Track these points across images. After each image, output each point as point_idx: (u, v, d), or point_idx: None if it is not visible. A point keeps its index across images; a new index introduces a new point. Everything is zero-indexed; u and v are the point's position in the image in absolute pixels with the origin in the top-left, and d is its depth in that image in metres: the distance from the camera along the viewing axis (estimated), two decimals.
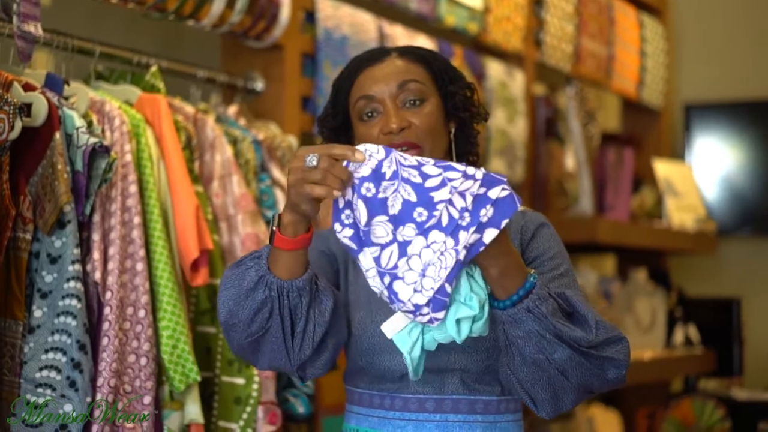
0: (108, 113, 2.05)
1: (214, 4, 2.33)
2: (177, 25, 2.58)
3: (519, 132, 3.49)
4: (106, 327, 1.94)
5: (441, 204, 1.50)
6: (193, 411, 2.08)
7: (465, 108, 1.77)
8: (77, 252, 1.90)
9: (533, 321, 1.56)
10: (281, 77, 2.61)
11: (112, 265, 1.96)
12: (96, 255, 1.95)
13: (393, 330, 1.57)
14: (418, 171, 1.52)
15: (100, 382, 1.92)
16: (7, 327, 1.88)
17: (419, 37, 3.02)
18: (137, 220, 2.01)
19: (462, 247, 1.49)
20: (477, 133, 1.81)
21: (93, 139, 1.92)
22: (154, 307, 2.03)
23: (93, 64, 2.21)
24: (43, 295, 1.89)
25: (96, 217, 1.97)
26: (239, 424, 2.17)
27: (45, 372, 1.87)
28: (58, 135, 1.90)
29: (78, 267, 1.89)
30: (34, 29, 1.94)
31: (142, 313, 1.99)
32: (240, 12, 2.39)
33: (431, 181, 1.51)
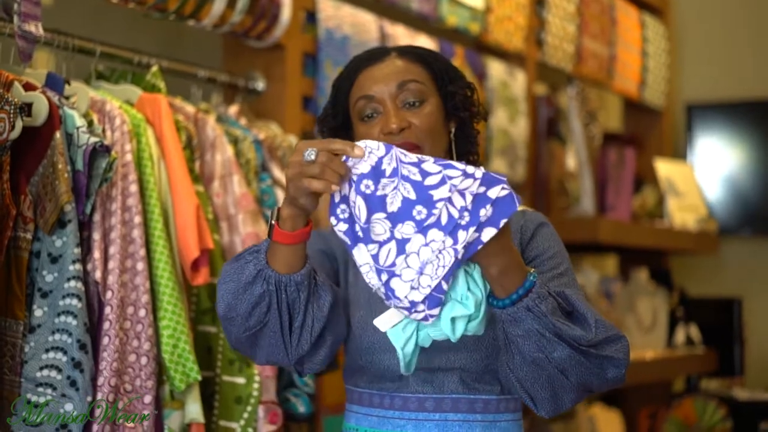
0: (109, 113, 2.05)
1: (214, 4, 2.33)
2: (178, 25, 2.58)
3: (520, 132, 3.49)
4: (106, 326, 1.95)
5: (440, 202, 1.50)
6: (194, 410, 2.08)
7: (465, 108, 1.77)
8: (78, 251, 1.90)
9: (533, 320, 1.56)
10: (282, 77, 2.61)
11: (112, 265, 1.96)
12: (96, 254, 1.95)
13: (386, 324, 1.57)
14: (418, 168, 1.52)
15: (100, 381, 1.92)
16: (8, 326, 1.88)
17: (420, 37, 3.01)
18: (138, 219, 2.01)
19: (461, 246, 1.49)
20: (477, 133, 1.82)
21: (93, 139, 1.92)
22: (154, 307, 2.03)
23: (94, 63, 2.21)
24: (44, 295, 1.89)
25: (96, 217, 1.97)
26: (240, 423, 2.17)
27: (45, 371, 1.87)
28: (58, 134, 1.90)
29: (78, 266, 1.90)
30: (34, 29, 1.94)
31: (142, 313, 1.99)
32: (241, 12, 2.39)
33: (431, 179, 1.51)
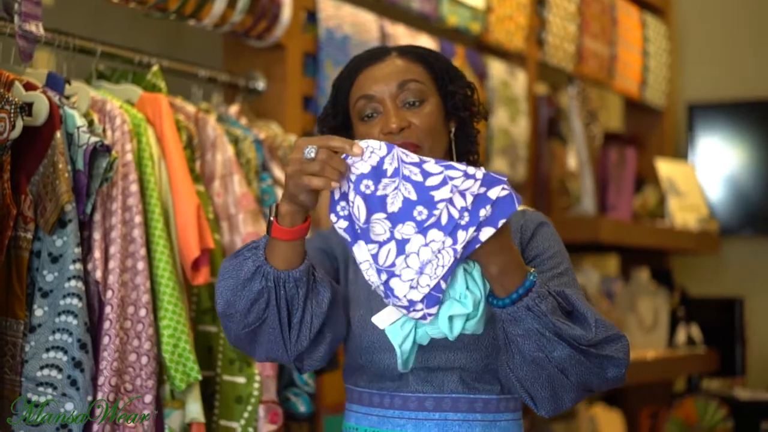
0: (109, 112, 2.05)
1: (215, 3, 2.33)
2: (178, 25, 2.58)
3: (521, 131, 3.49)
4: (107, 326, 1.95)
5: (441, 203, 1.50)
6: (194, 410, 2.08)
7: (465, 107, 1.77)
8: (78, 251, 1.90)
9: (533, 319, 1.56)
10: (283, 77, 2.61)
11: (113, 264, 1.96)
12: (97, 254, 1.95)
13: (385, 322, 1.57)
14: (419, 168, 1.52)
15: (101, 380, 1.92)
16: (8, 326, 1.89)
17: (421, 37, 3.01)
18: (138, 219, 2.01)
19: (460, 246, 1.50)
20: (477, 133, 1.82)
21: (94, 138, 1.92)
22: (155, 306, 2.03)
23: (94, 63, 2.21)
24: (44, 294, 1.89)
25: (97, 216, 1.97)
26: (240, 423, 2.17)
27: (46, 371, 1.87)
28: (59, 134, 1.90)
29: (79, 266, 1.90)
30: (35, 29, 1.94)
31: (143, 312, 1.99)
32: (241, 12, 2.39)
33: (432, 180, 1.51)
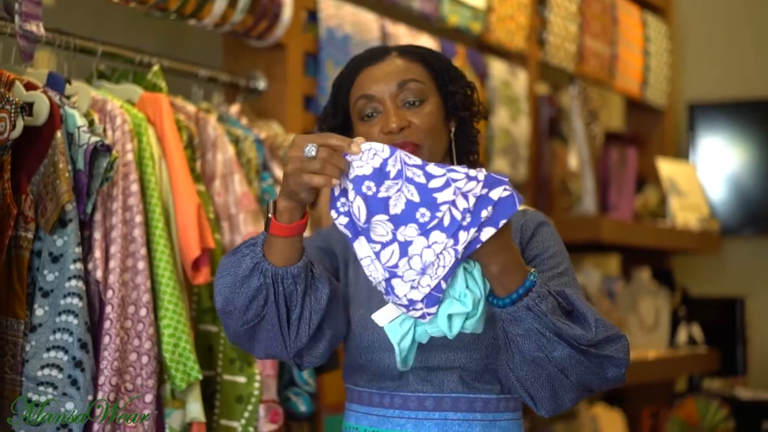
0: (110, 112, 2.05)
1: (215, 3, 2.33)
2: (179, 25, 2.58)
3: (522, 131, 3.49)
4: (107, 325, 1.95)
5: (444, 205, 1.50)
6: (195, 409, 2.08)
7: (465, 107, 1.77)
8: (79, 251, 1.90)
9: (533, 319, 1.56)
10: (283, 76, 2.61)
11: (113, 264, 1.97)
12: (97, 253, 1.95)
13: (384, 319, 1.57)
14: (422, 171, 1.52)
15: (101, 380, 1.92)
16: (9, 325, 1.89)
17: (422, 37, 3.01)
18: (139, 218, 2.02)
19: (461, 247, 1.50)
20: (477, 132, 1.82)
21: (94, 138, 1.92)
22: (155, 306, 2.03)
23: (95, 63, 2.21)
24: (45, 294, 1.90)
25: (97, 216, 1.97)
26: (241, 422, 2.18)
27: (46, 370, 1.87)
28: (59, 134, 1.90)
29: (79, 266, 1.90)
30: (36, 28, 1.94)
31: (143, 312, 2.00)
32: (242, 11, 2.39)
33: (435, 182, 1.51)
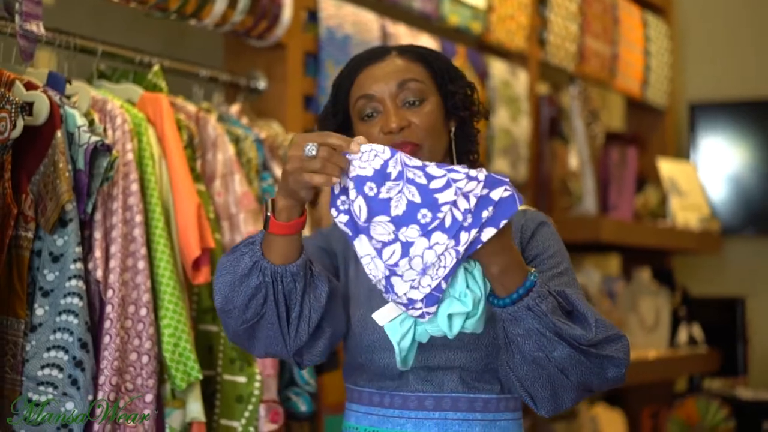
0: (110, 112, 2.05)
1: (216, 3, 2.33)
2: (179, 24, 2.58)
3: (522, 131, 3.49)
4: (107, 325, 1.95)
5: (446, 206, 1.50)
6: (195, 409, 2.08)
7: (465, 107, 1.77)
8: (79, 250, 1.90)
9: (533, 319, 1.56)
10: (284, 76, 2.61)
11: (113, 264, 1.97)
12: (98, 253, 1.95)
13: (384, 319, 1.57)
14: (422, 172, 1.52)
15: (101, 380, 1.92)
16: (9, 325, 1.89)
17: (422, 37, 3.01)
18: (139, 218, 2.02)
19: (462, 248, 1.50)
20: (477, 132, 1.82)
21: (94, 138, 1.92)
22: (155, 306, 2.04)
23: (95, 63, 2.21)
24: (45, 294, 1.90)
25: (98, 216, 1.97)
26: (241, 422, 2.18)
27: (47, 370, 1.88)
28: (59, 133, 1.90)
29: (80, 265, 1.90)
30: (36, 28, 1.94)
31: (143, 312, 2.00)
32: (242, 11, 2.39)
33: (436, 183, 1.51)
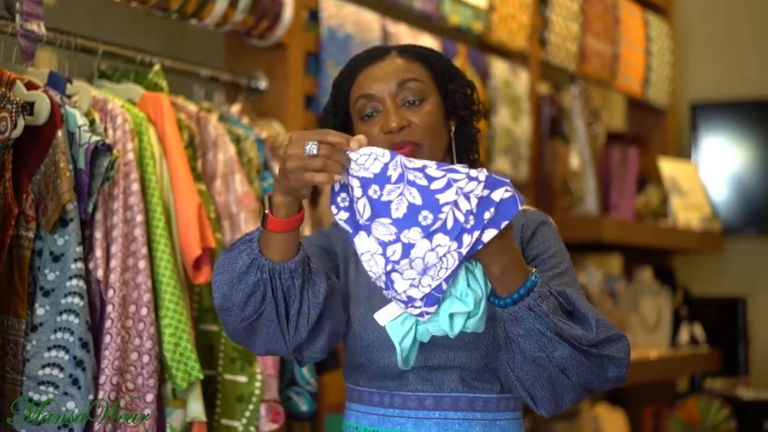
0: (110, 111, 2.06)
1: (216, 3, 2.33)
2: (180, 24, 2.58)
3: (523, 131, 3.49)
4: (108, 325, 1.95)
5: (447, 206, 1.50)
6: (196, 409, 2.08)
7: (465, 106, 1.77)
8: (80, 250, 1.90)
9: (534, 319, 1.56)
10: (284, 76, 2.61)
11: (114, 263, 1.97)
12: (98, 253, 1.96)
13: (386, 318, 1.57)
14: (422, 173, 1.52)
15: (102, 379, 1.92)
16: (10, 325, 1.89)
17: (423, 36, 3.01)
18: (139, 218, 2.02)
19: (465, 250, 1.50)
20: (477, 131, 1.82)
21: (95, 138, 1.92)
22: (156, 305, 2.04)
23: (96, 62, 2.21)
24: (46, 293, 1.90)
25: (98, 215, 1.97)
26: (242, 422, 2.18)
27: (48, 370, 1.88)
28: (60, 133, 1.90)
29: (80, 265, 1.90)
30: (37, 28, 1.94)
31: (144, 311, 2.00)
32: (243, 11, 2.39)
33: (436, 183, 1.51)
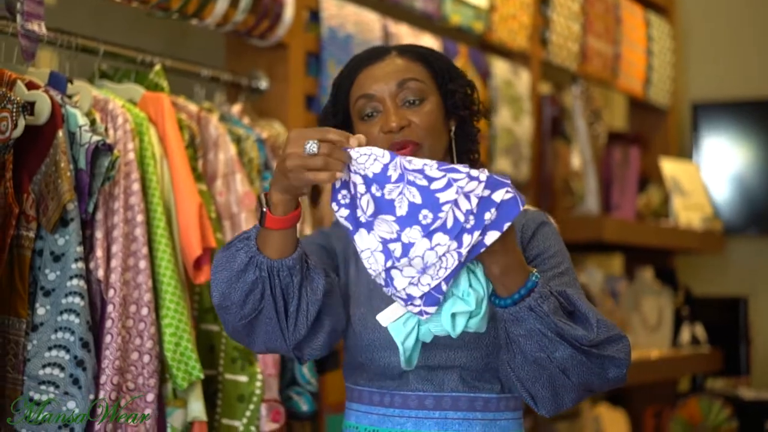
0: (111, 111, 2.06)
1: (217, 3, 2.33)
2: (181, 24, 2.58)
3: (525, 131, 3.48)
4: (109, 325, 1.95)
5: (447, 205, 1.50)
6: (196, 408, 2.08)
7: (465, 106, 1.77)
8: (80, 250, 1.90)
9: (535, 319, 1.56)
10: (285, 76, 2.61)
11: (115, 263, 1.97)
12: (99, 253, 1.96)
13: (388, 319, 1.57)
14: (422, 174, 1.52)
15: (103, 379, 1.92)
16: (11, 324, 1.89)
17: (424, 36, 3.01)
18: (140, 218, 2.02)
19: (465, 250, 1.50)
20: (477, 131, 1.82)
21: (96, 137, 1.92)
22: (157, 305, 2.04)
23: (97, 62, 2.22)
24: (47, 293, 1.90)
25: (99, 215, 1.97)
26: (242, 421, 2.18)
27: (48, 369, 1.88)
28: (61, 133, 1.90)
29: (81, 265, 1.90)
30: (37, 28, 1.95)
31: (145, 311, 2.00)
32: (244, 11, 2.39)
33: (437, 183, 1.51)
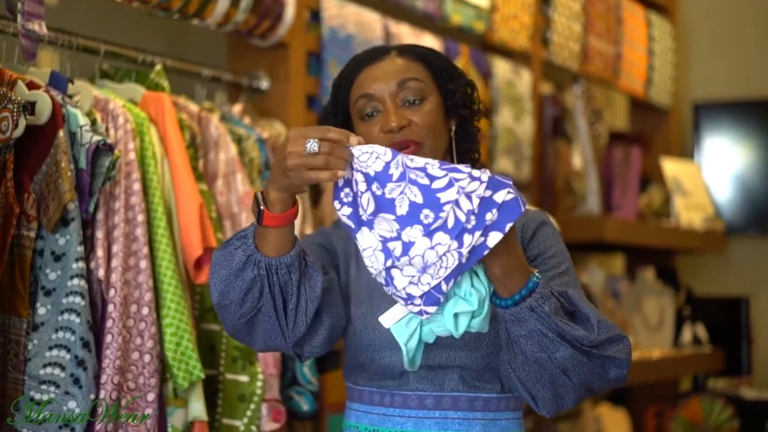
0: (112, 111, 2.06)
1: (218, 2, 2.33)
2: (182, 24, 2.58)
3: (526, 131, 3.48)
4: (109, 324, 1.95)
5: (448, 205, 1.50)
6: (197, 408, 2.08)
7: (465, 105, 1.77)
8: (81, 249, 1.91)
9: (536, 320, 1.56)
10: (286, 76, 2.61)
11: (115, 263, 1.97)
12: (100, 252, 1.96)
13: (391, 320, 1.57)
14: (424, 173, 1.52)
15: (103, 379, 1.93)
16: (11, 324, 1.89)
17: (425, 36, 3.01)
18: (141, 217, 2.02)
19: (465, 250, 1.50)
20: (478, 131, 1.82)
21: (96, 137, 1.93)
22: (157, 305, 2.04)
23: (98, 62, 2.22)
24: (47, 293, 1.90)
25: (100, 215, 1.98)
26: (243, 421, 2.18)
27: (49, 369, 1.88)
28: (61, 133, 1.91)
29: (82, 264, 1.90)
30: (38, 28, 1.95)
31: (145, 311, 2.00)
32: (245, 11, 2.39)
33: (438, 183, 1.51)
